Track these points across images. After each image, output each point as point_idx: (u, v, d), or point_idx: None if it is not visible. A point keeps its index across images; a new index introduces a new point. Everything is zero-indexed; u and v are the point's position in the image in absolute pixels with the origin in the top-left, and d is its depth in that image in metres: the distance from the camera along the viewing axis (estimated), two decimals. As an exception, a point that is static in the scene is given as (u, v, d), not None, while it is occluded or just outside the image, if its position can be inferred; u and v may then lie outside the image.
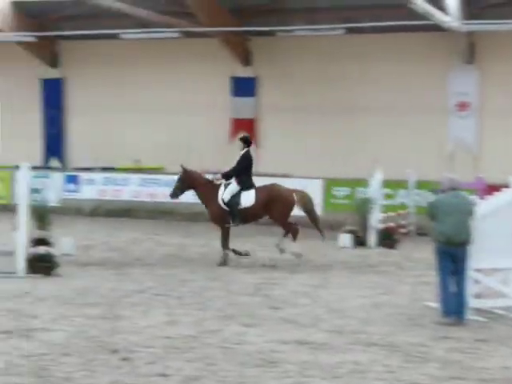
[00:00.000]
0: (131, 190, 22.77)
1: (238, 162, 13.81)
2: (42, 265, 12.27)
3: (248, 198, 13.69)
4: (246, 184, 13.75)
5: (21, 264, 12.16)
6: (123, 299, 10.41)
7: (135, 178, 22.84)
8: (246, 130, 20.29)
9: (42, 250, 12.45)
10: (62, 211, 20.13)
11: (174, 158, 21.39)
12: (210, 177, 14.13)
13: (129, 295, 10.72)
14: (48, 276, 12.12)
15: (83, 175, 23.26)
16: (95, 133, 23.76)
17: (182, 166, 14.26)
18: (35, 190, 18.10)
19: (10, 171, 22.84)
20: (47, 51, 23.64)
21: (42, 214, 13.63)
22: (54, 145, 24.09)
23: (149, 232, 19.15)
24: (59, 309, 9.68)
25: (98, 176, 23.13)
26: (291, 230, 13.80)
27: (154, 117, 23.29)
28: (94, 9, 20.78)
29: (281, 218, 13.86)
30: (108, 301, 10.25)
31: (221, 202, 13.74)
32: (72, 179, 23.24)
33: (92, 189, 23.12)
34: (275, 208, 13.73)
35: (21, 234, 12.34)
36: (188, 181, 14.13)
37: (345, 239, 16.91)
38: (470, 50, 20.60)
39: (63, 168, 23.77)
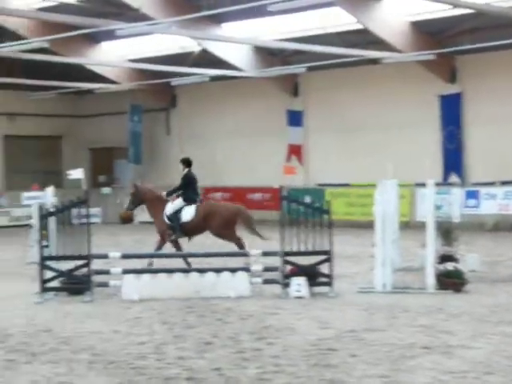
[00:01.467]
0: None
1: (181, 181, 15.68)
2: (451, 281, 12.23)
3: (188, 213, 14.98)
4: (189, 200, 15.16)
5: (430, 280, 12.24)
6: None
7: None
8: None
9: (450, 266, 12.42)
10: (463, 227, 19.94)
11: None
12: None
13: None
14: (458, 292, 12.04)
15: (483, 190, 22.90)
16: (493, 146, 23.26)
17: (133, 183, 16.61)
18: (437, 207, 18.22)
19: (410, 188, 23.30)
20: (445, 67, 23.75)
21: (447, 231, 13.59)
22: (453, 160, 24.03)
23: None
24: (474, 326, 9.53)
25: (499, 190, 22.59)
26: (236, 243, 14.87)
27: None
28: (493, 20, 20.42)
29: (219, 231, 15.03)
30: (524, 320, 9.87)
31: (164, 217, 15.12)
32: (472, 194, 22.99)
33: (493, 204, 22.64)
34: (212, 222, 14.89)
35: (429, 251, 12.43)
36: (139, 196, 15.75)
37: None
38: None
39: (463, 183, 23.60)
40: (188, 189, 15.58)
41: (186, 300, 11.76)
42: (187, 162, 16.09)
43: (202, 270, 12.56)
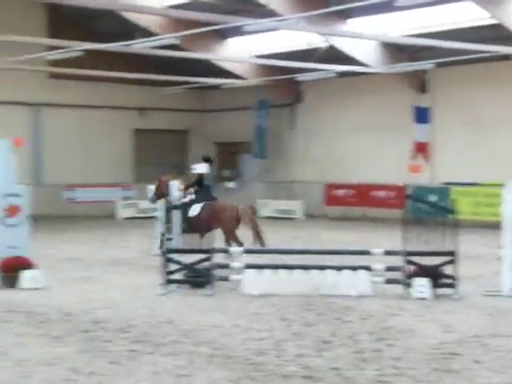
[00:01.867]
0: None
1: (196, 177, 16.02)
2: None
3: (195, 209, 15.41)
4: (200, 197, 15.72)
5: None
6: None
7: None
8: None
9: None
10: None
11: None
12: None
13: None
14: None
15: None
16: None
17: (158, 176, 17.49)
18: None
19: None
20: None
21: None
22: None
23: None
24: None
25: None
26: (234, 241, 15.29)
27: None
28: None
29: (223, 228, 15.45)
30: None
31: None
32: None
33: None
34: (218, 220, 15.30)
35: (508, 253, 11.96)
36: (160, 189, 16.72)
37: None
38: None
39: None
40: (201, 186, 16.01)
41: (305, 297, 11.72)
42: (206, 160, 16.76)
43: (322, 268, 12.48)
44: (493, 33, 22.45)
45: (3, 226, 13.09)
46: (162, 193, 16.65)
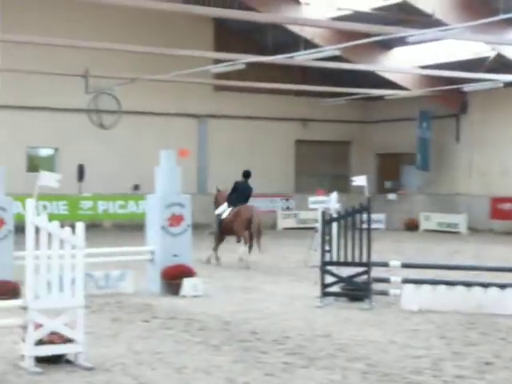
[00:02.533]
0: None
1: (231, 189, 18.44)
2: None
3: (225, 213, 18.01)
4: (231, 203, 18.10)
5: None
6: None
7: None
8: None
9: None
10: None
11: None
12: None
13: None
14: None
15: None
16: None
17: (216, 187, 19.72)
18: None
19: None
20: None
21: None
22: None
23: None
24: None
25: None
26: (245, 239, 17.49)
27: None
28: None
29: (235, 229, 17.69)
30: None
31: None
32: None
33: None
34: (234, 222, 17.67)
35: None
36: (217, 200, 18.95)
37: None
38: None
39: None
40: (233, 194, 18.30)
41: (467, 315, 11.31)
42: (244, 173, 18.91)
43: (485, 284, 12.01)
44: None
45: (167, 235, 13.47)
46: (218, 203, 18.85)
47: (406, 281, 12.27)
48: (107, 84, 26.34)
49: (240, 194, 18.33)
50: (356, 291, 12.40)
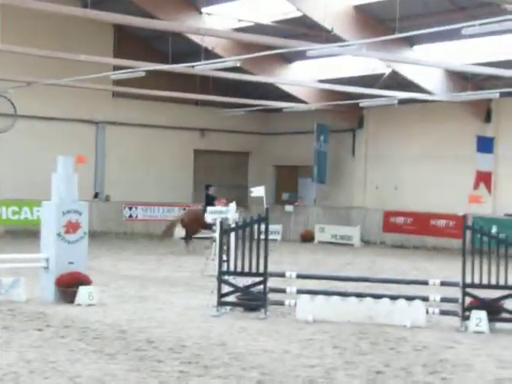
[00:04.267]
0: None
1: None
2: None
3: None
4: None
5: None
6: None
7: None
8: None
9: None
10: None
11: None
12: None
13: None
14: None
15: None
16: None
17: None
18: None
19: None
20: None
21: None
22: None
23: None
24: None
25: None
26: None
27: None
28: None
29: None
30: None
31: None
32: None
33: None
34: None
35: None
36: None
37: None
38: None
39: None
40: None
41: (359, 325, 11.58)
42: (208, 187, 23.78)
43: (377, 296, 12.32)
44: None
45: (63, 242, 13.25)
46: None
47: (301, 291, 12.45)
48: (2, 86, 25.74)
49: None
50: (252, 301, 12.50)
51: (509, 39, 22.30)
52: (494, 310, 11.68)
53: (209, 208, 17.14)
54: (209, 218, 21.42)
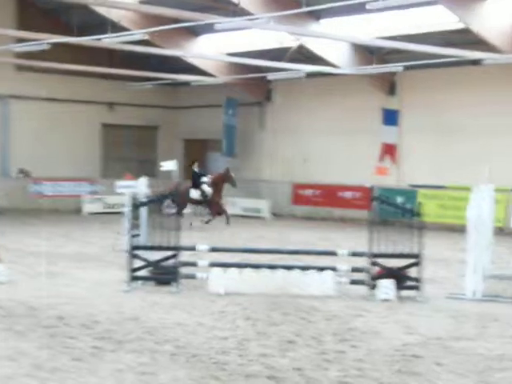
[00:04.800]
0: None
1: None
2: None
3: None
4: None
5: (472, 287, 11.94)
6: None
7: None
8: None
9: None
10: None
11: None
12: None
13: None
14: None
15: None
16: None
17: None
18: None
19: (506, 194, 22.72)
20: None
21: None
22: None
23: None
24: None
25: None
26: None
27: None
28: None
29: None
30: None
31: None
32: None
33: None
34: None
35: (472, 256, 12.07)
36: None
37: None
38: None
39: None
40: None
41: (271, 296, 11.74)
42: (193, 162, 24.49)
43: (288, 267, 12.51)
44: (461, 37, 22.65)
45: (-33, 219, 12.94)
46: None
47: (213, 264, 12.52)
48: None
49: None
50: (164, 275, 12.51)
51: (412, 13, 22.75)
52: (399, 278, 12.03)
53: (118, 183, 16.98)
54: (194, 194, 23.11)
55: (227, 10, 22.74)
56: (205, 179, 24.03)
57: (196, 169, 24.51)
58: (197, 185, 23.91)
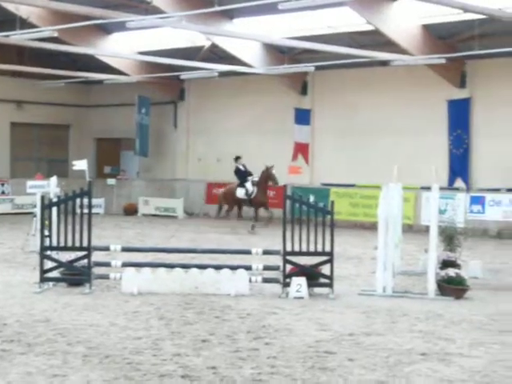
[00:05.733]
0: (540, 212, 21.76)
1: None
2: (452, 287, 12.15)
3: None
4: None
5: (431, 285, 12.17)
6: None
7: (544, 200, 21.78)
8: None
9: (451, 272, 12.35)
10: (467, 232, 19.87)
11: None
12: None
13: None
14: (459, 299, 11.96)
15: (488, 196, 22.80)
16: (501, 153, 23.17)
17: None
18: (441, 211, 18.17)
19: (414, 192, 23.27)
20: (455, 72, 23.65)
21: (450, 236, 13.54)
22: (459, 165, 23.94)
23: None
24: (474, 334, 9.47)
25: (505, 197, 22.50)
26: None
27: None
28: (505, 26, 20.32)
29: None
30: (524, 329, 9.82)
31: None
32: (477, 200, 22.90)
33: (497, 210, 22.55)
34: None
35: (431, 256, 12.34)
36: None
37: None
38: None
39: (468, 189, 23.53)
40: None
41: (185, 296, 11.72)
42: (237, 159, 23.44)
43: (202, 267, 12.51)
44: (371, 39, 23.09)
45: None
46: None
47: (126, 264, 12.42)
48: None
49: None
50: (76, 276, 12.33)
51: (324, 14, 23.04)
52: (312, 276, 12.18)
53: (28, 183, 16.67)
54: (240, 193, 22.64)
55: (139, 7, 22.56)
56: (250, 178, 23.07)
57: (241, 166, 23.46)
58: (242, 183, 23.06)
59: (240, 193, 22.87)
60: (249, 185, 22.89)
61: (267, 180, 22.85)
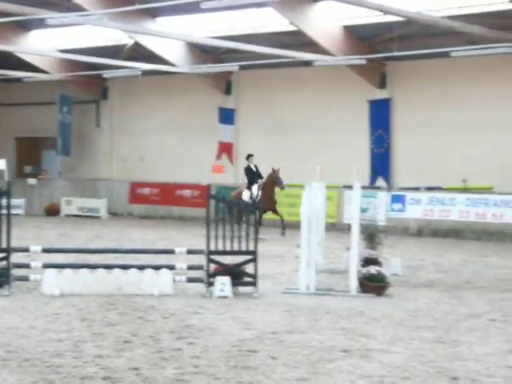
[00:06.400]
0: (458, 210, 22.28)
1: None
2: (373, 284, 12.35)
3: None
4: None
5: (353, 283, 12.33)
6: (458, 323, 10.11)
7: (462, 198, 22.32)
8: None
9: (373, 269, 12.54)
10: (388, 230, 20.25)
11: (504, 177, 20.92)
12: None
13: (463, 319, 10.40)
14: (379, 296, 12.16)
15: (408, 195, 23.25)
16: (420, 153, 23.67)
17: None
18: (363, 210, 18.44)
19: (337, 190, 23.57)
20: (375, 73, 24.04)
21: (371, 234, 13.73)
22: (380, 164, 24.35)
23: (478, 254, 18.62)
24: (394, 330, 9.64)
25: (424, 196, 22.98)
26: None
27: (480, 136, 22.65)
28: (423, 28, 20.75)
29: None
30: (442, 324, 10.02)
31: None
32: (397, 199, 23.33)
33: (417, 209, 23.02)
34: None
35: (353, 253, 12.51)
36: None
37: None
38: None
39: (389, 188, 23.95)
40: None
41: (107, 296, 11.60)
42: (248, 156, 22.21)
43: (125, 267, 12.40)
44: (294, 39, 23.29)
45: None
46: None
47: (47, 266, 12.22)
48: None
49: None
50: (-5, 278, 12.07)
51: (247, 14, 23.13)
52: (236, 275, 12.20)
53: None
54: (245, 195, 21.18)
55: (61, 5, 22.25)
56: (260, 181, 21.72)
57: (252, 166, 22.10)
58: (249, 186, 21.68)
59: (246, 196, 21.44)
60: (255, 188, 21.56)
61: (274, 184, 21.65)
